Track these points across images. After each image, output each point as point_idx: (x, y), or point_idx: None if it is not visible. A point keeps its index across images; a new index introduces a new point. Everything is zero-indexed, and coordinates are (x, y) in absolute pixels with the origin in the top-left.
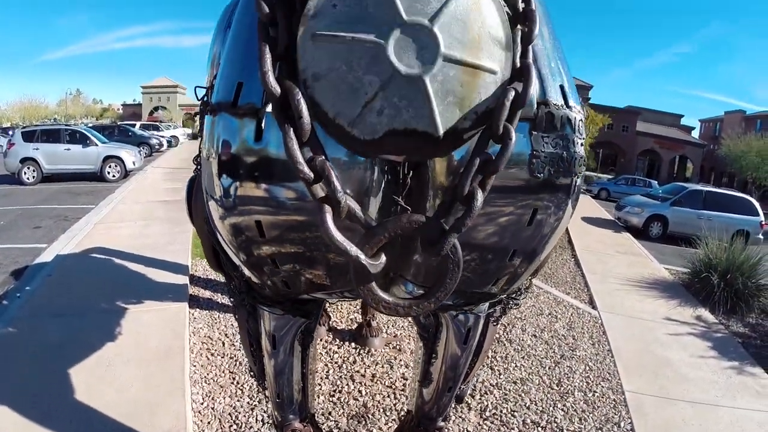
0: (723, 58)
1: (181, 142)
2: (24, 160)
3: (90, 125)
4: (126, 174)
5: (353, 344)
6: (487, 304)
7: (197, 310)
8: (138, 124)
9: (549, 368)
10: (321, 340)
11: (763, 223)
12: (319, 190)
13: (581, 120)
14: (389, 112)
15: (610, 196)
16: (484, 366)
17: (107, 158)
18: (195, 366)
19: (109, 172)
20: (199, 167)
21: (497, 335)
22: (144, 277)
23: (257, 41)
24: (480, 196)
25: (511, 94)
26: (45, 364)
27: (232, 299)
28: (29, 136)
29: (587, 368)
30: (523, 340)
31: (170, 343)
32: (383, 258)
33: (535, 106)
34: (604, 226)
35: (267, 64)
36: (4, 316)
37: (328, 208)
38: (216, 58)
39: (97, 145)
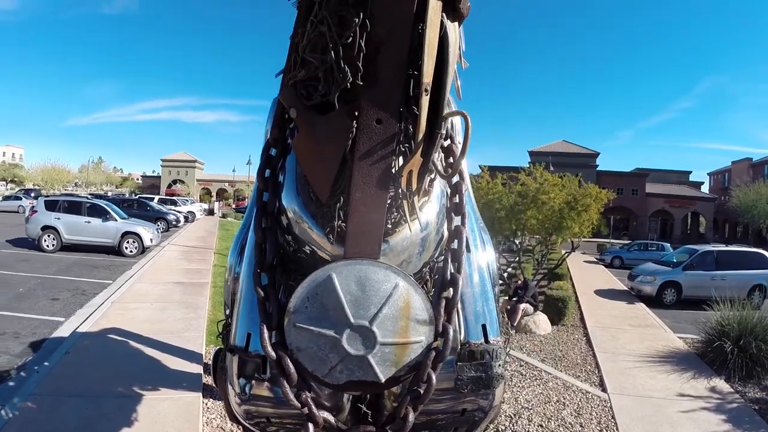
0: (723, 107)
1: (197, 217)
2: (45, 228)
3: (110, 193)
4: (143, 250)
5: None
6: None
7: (210, 400)
8: (156, 198)
9: None
10: None
11: None
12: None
13: (499, 347)
14: (347, 372)
15: (624, 263)
16: None
17: (126, 234)
18: None
19: (127, 248)
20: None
21: (503, 426)
22: (159, 364)
23: (260, 318)
24: (411, 417)
25: (432, 355)
26: None
27: None
28: (51, 206)
29: None
30: (528, 431)
31: None
32: None
33: (459, 345)
34: (617, 297)
35: (265, 339)
36: (22, 390)
37: (310, 425)
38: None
39: (116, 220)
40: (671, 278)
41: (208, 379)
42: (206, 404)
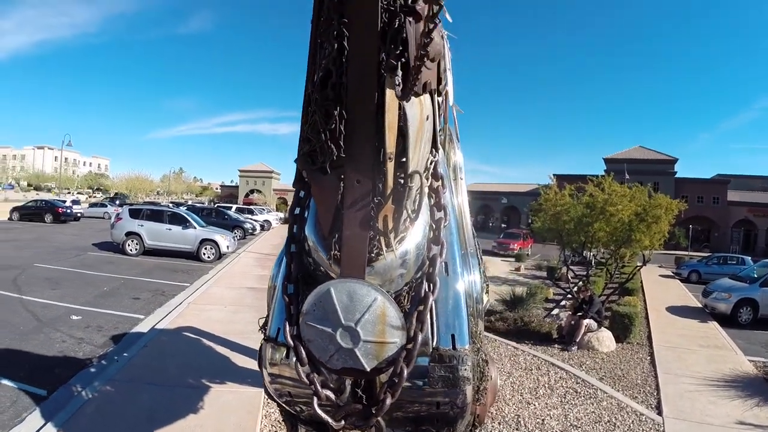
0: None
1: (273, 226)
2: (129, 234)
3: (190, 202)
4: (220, 256)
5: None
6: None
7: None
8: (234, 207)
9: None
10: None
11: None
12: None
13: (466, 354)
14: (342, 360)
15: (702, 278)
16: None
17: (204, 241)
18: None
19: (204, 253)
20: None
21: None
22: (228, 361)
23: (285, 317)
24: (388, 400)
25: (404, 353)
26: (137, 426)
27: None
28: (135, 214)
29: None
30: None
31: (245, 423)
32: (343, 422)
33: (431, 350)
34: (689, 315)
35: (287, 332)
36: (103, 375)
37: (315, 398)
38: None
39: (195, 228)
40: (747, 295)
41: None
42: (267, 399)
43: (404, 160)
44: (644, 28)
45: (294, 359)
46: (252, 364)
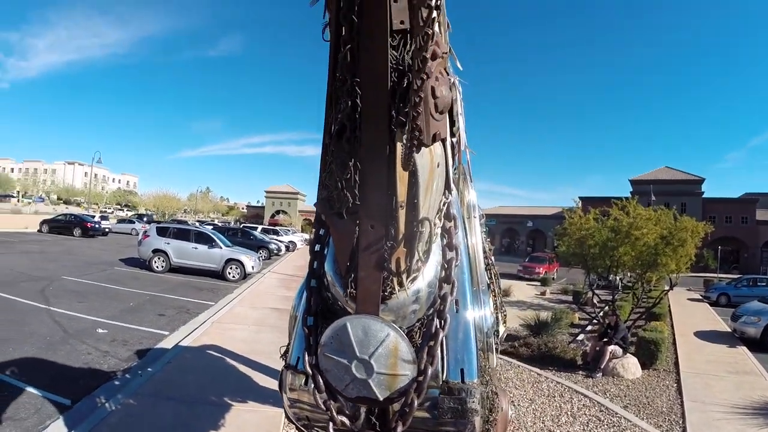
0: None
1: (298, 247)
2: (156, 251)
3: (216, 221)
4: (245, 276)
5: None
6: None
7: None
8: (259, 227)
9: None
10: None
11: None
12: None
13: (474, 387)
14: (356, 389)
15: (731, 301)
16: None
17: (229, 260)
18: None
19: (229, 273)
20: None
21: None
22: (250, 380)
23: (305, 347)
24: (400, 427)
25: (414, 385)
26: None
27: None
28: (162, 232)
29: None
30: None
31: None
32: None
33: (441, 382)
34: (718, 340)
35: (306, 361)
36: (126, 388)
37: (330, 424)
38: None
39: (221, 247)
40: None
41: None
42: (286, 421)
43: (415, 205)
44: (671, 47)
45: (312, 386)
46: (273, 384)
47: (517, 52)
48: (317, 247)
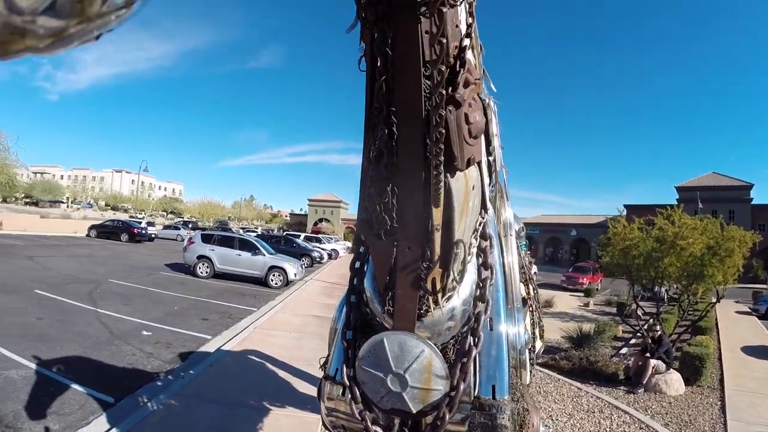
0: None
1: (340, 255)
2: (200, 257)
3: (260, 229)
4: (287, 283)
5: None
6: None
7: None
8: (302, 235)
9: None
10: None
11: None
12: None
13: (505, 404)
14: (391, 402)
15: None
16: None
17: (272, 267)
18: None
19: (272, 280)
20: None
21: None
22: (289, 385)
23: (343, 359)
24: None
25: (447, 400)
26: None
27: None
28: (207, 239)
29: None
30: None
31: None
32: None
33: (472, 398)
34: (765, 356)
35: (344, 374)
36: (169, 389)
37: None
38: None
39: (264, 255)
40: None
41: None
42: (323, 428)
43: (450, 227)
44: (719, 54)
45: (349, 397)
46: (312, 391)
47: (566, 63)
48: (357, 264)
